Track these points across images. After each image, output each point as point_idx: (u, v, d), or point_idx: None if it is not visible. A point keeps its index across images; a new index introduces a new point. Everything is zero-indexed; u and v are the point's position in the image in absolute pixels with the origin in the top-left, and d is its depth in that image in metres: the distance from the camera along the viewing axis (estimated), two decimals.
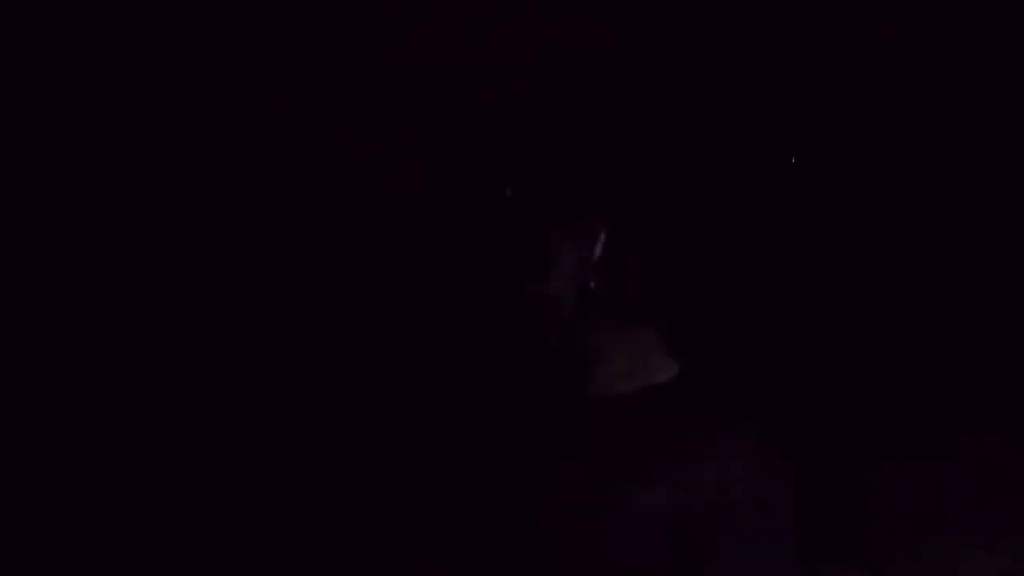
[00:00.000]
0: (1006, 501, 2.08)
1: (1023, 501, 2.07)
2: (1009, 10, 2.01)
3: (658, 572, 1.15)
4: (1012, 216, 2.15)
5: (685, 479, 1.15)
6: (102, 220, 2.04)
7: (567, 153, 2.15)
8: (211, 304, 2.15)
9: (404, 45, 2.15)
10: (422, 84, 2.20)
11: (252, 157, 2.13)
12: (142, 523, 1.97)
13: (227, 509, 2.03)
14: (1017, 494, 2.07)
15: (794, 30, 2.10)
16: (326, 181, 2.19)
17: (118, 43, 2.01)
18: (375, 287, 2.28)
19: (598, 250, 1.27)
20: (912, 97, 2.16)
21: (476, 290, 2.14)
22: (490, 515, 1.51)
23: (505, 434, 1.54)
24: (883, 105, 2.17)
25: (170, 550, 1.97)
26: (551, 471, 1.31)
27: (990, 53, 2.07)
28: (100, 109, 2.02)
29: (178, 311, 2.11)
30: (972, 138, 2.16)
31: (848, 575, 2.06)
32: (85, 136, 2.01)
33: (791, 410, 2.19)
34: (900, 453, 2.19)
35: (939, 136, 2.16)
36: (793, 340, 2.25)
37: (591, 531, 1.20)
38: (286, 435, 2.11)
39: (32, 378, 1.93)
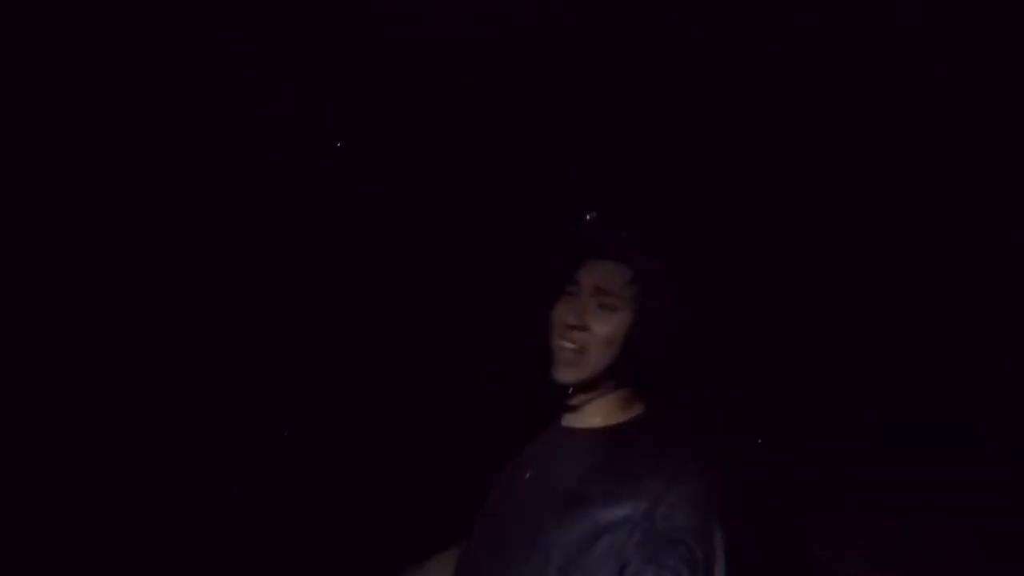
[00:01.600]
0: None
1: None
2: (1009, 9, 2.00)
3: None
4: (1012, 217, 2.15)
5: (627, 498, 1.26)
6: (102, 220, 2.04)
7: (567, 154, 2.15)
8: (211, 304, 2.15)
9: (405, 45, 2.15)
10: (422, 83, 2.20)
11: (252, 157, 2.13)
12: (142, 523, 1.98)
13: (225, 509, 2.03)
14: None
15: (794, 30, 2.09)
16: (326, 181, 2.19)
17: (118, 43, 2.01)
18: (375, 288, 2.28)
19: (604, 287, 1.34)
20: (912, 97, 2.16)
21: (480, 301, 2.14)
22: (462, 515, 1.56)
23: (488, 445, 1.58)
24: (883, 105, 2.17)
25: (169, 550, 1.97)
26: (520, 482, 1.41)
27: (990, 52, 2.07)
28: (100, 109, 2.02)
29: (178, 311, 2.11)
30: (972, 138, 2.15)
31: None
32: (85, 136, 2.01)
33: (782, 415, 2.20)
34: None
35: (938, 136, 2.16)
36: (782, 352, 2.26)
37: (546, 534, 1.30)
38: (284, 435, 2.11)
39: (31, 378, 1.93)
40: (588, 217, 1.42)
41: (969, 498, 2.10)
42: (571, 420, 1.43)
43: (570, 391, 1.41)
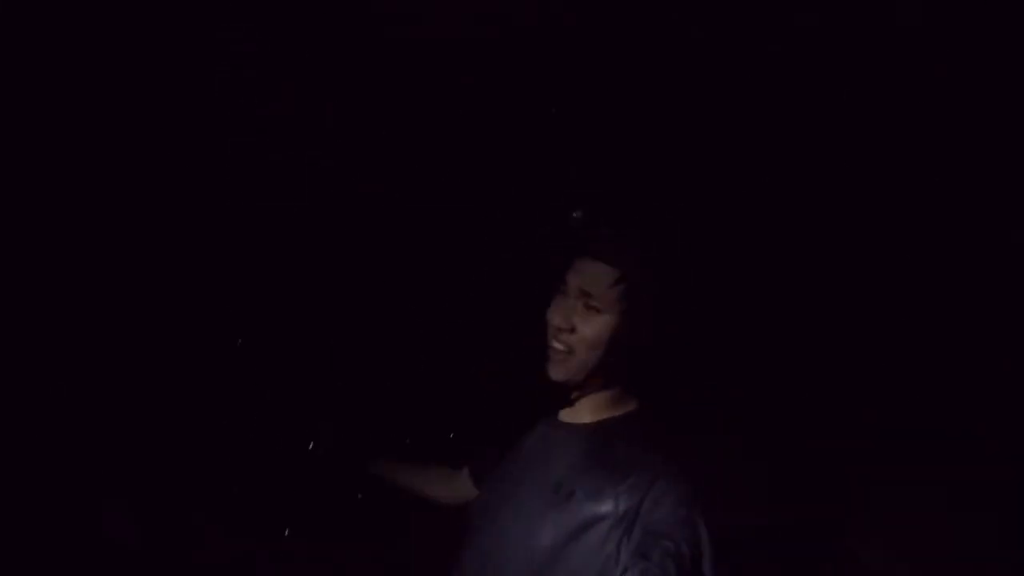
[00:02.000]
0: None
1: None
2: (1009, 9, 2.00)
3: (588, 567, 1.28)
4: (1012, 217, 2.15)
5: (612, 493, 1.28)
6: (102, 220, 2.04)
7: (567, 154, 2.15)
8: (211, 304, 2.15)
9: (405, 45, 2.15)
10: (422, 83, 2.20)
11: (252, 157, 2.13)
12: (142, 523, 1.98)
13: (223, 509, 2.04)
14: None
15: (794, 30, 2.09)
16: (326, 181, 2.19)
17: (118, 42, 2.01)
18: (375, 288, 2.28)
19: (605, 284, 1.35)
20: (912, 97, 2.16)
21: (480, 301, 2.15)
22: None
23: (488, 444, 1.59)
24: (883, 105, 2.17)
25: (169, 550, 1.97)
26: (514, 473, 1.43)
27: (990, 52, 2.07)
28: (100, 108, 2.03)
29: (177, 311, 2.11)
30: (972, 138, 2.15)
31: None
32: (85, 135, 2.02)
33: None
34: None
35: (938, 136, 2.16)
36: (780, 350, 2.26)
37: (535, 526, 1.32)
38: (283, 435, 2.11)
39: (30, 378, 1.93)
40: (574, 215, 1.43)
41: (969, 498, 2.10)
42: (565, 415, 1.46)
43: (564, 387, 1.44)
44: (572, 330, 1.38)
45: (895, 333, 2.27)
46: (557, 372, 1.41)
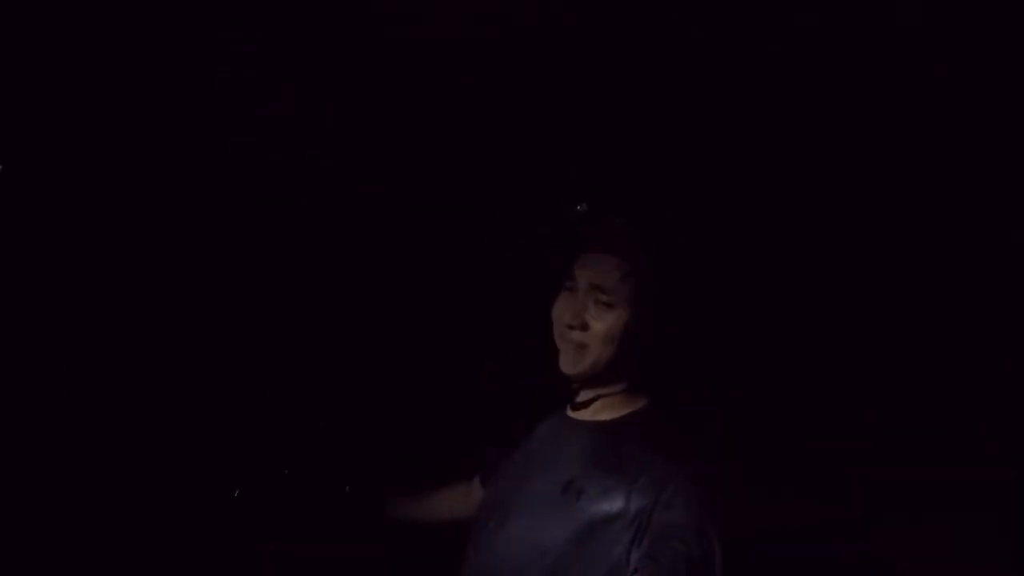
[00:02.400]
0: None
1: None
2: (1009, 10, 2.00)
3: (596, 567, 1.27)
4: (1012, 217, 2.15)
5: (623, 494, 1.27)
6: (101, 220, 2.04)
7: (567, 154, 2.15)
8: (210, 304, 2.15)
9: (405, 45, 2.15)
10: (422, 83, 2.20)
11: (252, 157, 2.13)
12: (141, 524, 1.98)
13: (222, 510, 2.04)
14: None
15: (794, 30, 2.10)
16: (326, 181, 2.19)
17: (118, 42, 2.01)
18: (375, 288, 2.28)
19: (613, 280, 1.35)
20: (912, 97, 2.16)
21: (480, 301, 2.15)
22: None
23: (488, 445, 1.59)
24: (883, 105, 2.17)
25: (169, 551, 1.97)
26: (524, 470, 1.42)
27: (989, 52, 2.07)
28: (100, 108, 2.03)
29: (177, 311, 2.11)
30: (972, 138, 2.15)
31: None
32: (84, 135, 2.02)
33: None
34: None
35: (938, 136, 2.16)
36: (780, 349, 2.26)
37: (544, 524, 1.32)
38: (284, 436, 2.12)
39: (30, 379, 1.93)
40: (578, 207, 1.43)
41: (969, 498, 2.10)
42: (575, 412, 1.45)
43: (575, 384, 1.43)
44: (584, 327, 1.37)
45: (895, 333, 2.27)
46: (570, 367, 1.40)
